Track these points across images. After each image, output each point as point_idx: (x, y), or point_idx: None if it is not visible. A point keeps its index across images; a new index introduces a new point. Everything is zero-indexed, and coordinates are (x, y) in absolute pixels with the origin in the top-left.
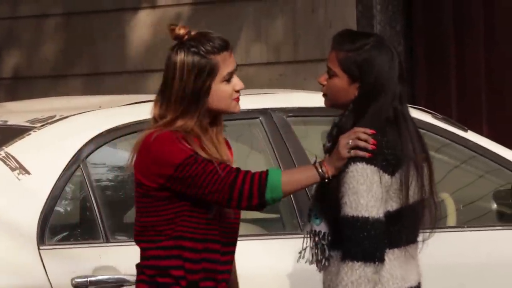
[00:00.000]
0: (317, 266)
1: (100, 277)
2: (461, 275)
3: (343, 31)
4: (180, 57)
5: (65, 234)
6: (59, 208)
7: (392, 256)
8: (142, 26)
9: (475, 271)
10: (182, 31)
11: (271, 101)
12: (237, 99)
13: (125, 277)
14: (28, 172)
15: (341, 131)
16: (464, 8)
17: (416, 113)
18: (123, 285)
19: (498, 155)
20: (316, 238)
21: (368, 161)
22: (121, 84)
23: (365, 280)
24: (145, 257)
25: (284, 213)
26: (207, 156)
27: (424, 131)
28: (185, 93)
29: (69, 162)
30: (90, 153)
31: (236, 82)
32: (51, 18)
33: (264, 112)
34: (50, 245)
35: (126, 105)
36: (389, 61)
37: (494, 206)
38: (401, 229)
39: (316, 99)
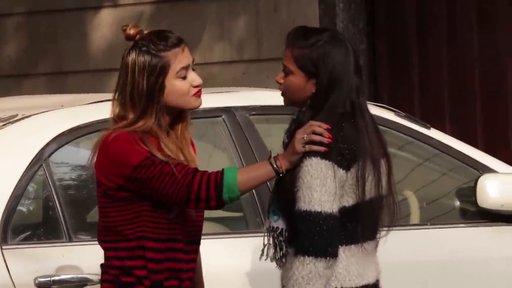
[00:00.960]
0: (276, 263)
1: (63, 277)
2: (424, 273)
3: (297, 28)
4: (132, 57)
5: (27, 233)
6: (22, 208)
7: (349, 253)
8: (104, 25)
9: (438, 269)
10: (132, 31)
11: (234, 99)
12: (198, 94)
13: (88, 276)
14: None
15: (299, 127)
16: (427, 6)
17: (378, 111)
18: (86, 284)
19: (461, 152)
20: (275, 235)
21: (322, 155)
22: (84, 83)
23: (316, 275)
24: (108, 257)
25: (247, 211)
26: (163, 158)
27: (387, 129)
28: (140, 93)
29: (31, 161)
30: (52, 152)
31: (194, 77)
32: (13, 17)
33: (227, 110)
34: (12, 244)
35: (89, 104)
36: (344, 55)
37: (457, 203)
38: (357, 225)
39: (279, 97)
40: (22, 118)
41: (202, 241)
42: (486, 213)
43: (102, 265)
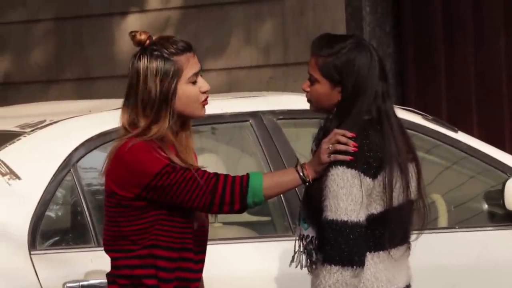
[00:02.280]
0: (307, 270)
1: (91, 281)
2: (453, 276)
3: (321, 35)
4: (143, 62)
5: (56, 238)
6: (50, 213)
7: (378, 259)
8: (131, 30)
9: (466, 272)
10: (143, 37)
11: (261, 103)
12: (205, 102)
13: None
14: (18, 177)
15: (327, 134)
16: (453, 9)
17: (406, 114)
18: None
19: (488, 155)
20: (305, 242)
21: (348, 164)
22: (111, 88)
23: (343, 284)
24: (117, 266)
25: (275, 215)
26: (183, 164)
27: (415, 133)
28: (152, 98)
29: (60, 166)
30: (81, 158)
31: (202, 83)
32: (41, 23)
33: (255, 115)
34: (41, 250)
35: (116, 109)
36: (368, 61)
37: (485, 206)
38: (385, 231)
39: (306, 102)
40: (50, 124)
41: (231, 245)
42: None
43: (108, 275)
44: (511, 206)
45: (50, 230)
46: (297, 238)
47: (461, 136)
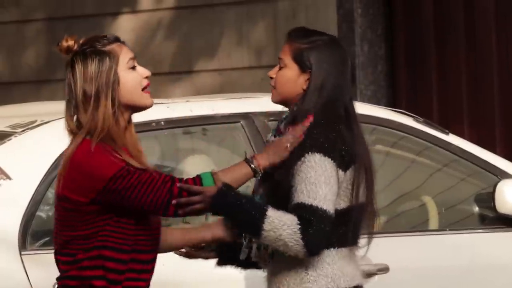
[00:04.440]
0: (261, 262)
1: None
2: (443, 278)
3: (299, 27)
4: (79, 65)
5: (47, 239)
6: (41, 213)
7: (341, 254)
8: (123, 31)
9: (457, 275)
10: (70, 42)
11: (252, 105)
12: (148, 92)
13: None
14: (9, 177)
15: (292, 123)
16: (445, 10)
17: (397, 116)
18: None
19: (479, 158)
20: None
21: (326, 153)
22: None
23: (286, 238)
24: (67, 270)
25: None
26: (139, 165)
27: (406, 134)
28: (90, 92)
29: (51, 167)
30: None
31: (142, 70)
32: (33, 23)
33: (246, 116)
34: (32, 250)
35: None
36: (341, 60)
37: (476, 209)
38: (348, 228)
39: None
40: (41, 124)
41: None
42: (504, 218)
43: (58, 278)
44: (502, 208)
45: (41, 231)
46: None
47: (452, 138)
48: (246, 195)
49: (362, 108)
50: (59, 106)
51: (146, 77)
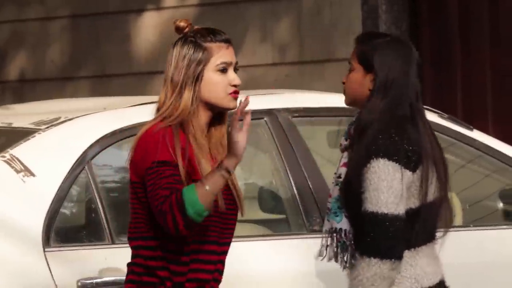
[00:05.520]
0: (340, 264)
1: (105, 279)
2: (467, 275)
3: (367, 31)
4: (177, 47)
5: (70, 236)
6: (65, 210)
7: (422, 254)
8: (148, 27)
9: (481, 271)
10: (182, 24)
11: (276, 101)
12: (234, 95)
13: None
14: (33, 174)
15: (358, 128)
16: (470, 7)
17: None
18: None
19: (504, 154)
20: (338, 236)
21: (390, 157)
22: (126, 86)
23: (381, 277)
24: (134, 255)
25: (289, 213)
26: (181, 165)
27: None
28: (177, 80)
29: (74, 164)
30: (95, 155)
31: (233, 76)
32: (57, 20)
33: (270, 112)
34: (55, 247)
35: (131, 106)
36: (405, 58)
37: (500, 205)
38: (426, 226)
39: (321, 100)
40: (65, 121)
41: (243, 243)
42: None
43: (128, 264)
44: None
45: (64, 227)
46: (326, 232)
47: (477, 134)
48: None
49: None
50: (83, 103)
51: (235, 85)
